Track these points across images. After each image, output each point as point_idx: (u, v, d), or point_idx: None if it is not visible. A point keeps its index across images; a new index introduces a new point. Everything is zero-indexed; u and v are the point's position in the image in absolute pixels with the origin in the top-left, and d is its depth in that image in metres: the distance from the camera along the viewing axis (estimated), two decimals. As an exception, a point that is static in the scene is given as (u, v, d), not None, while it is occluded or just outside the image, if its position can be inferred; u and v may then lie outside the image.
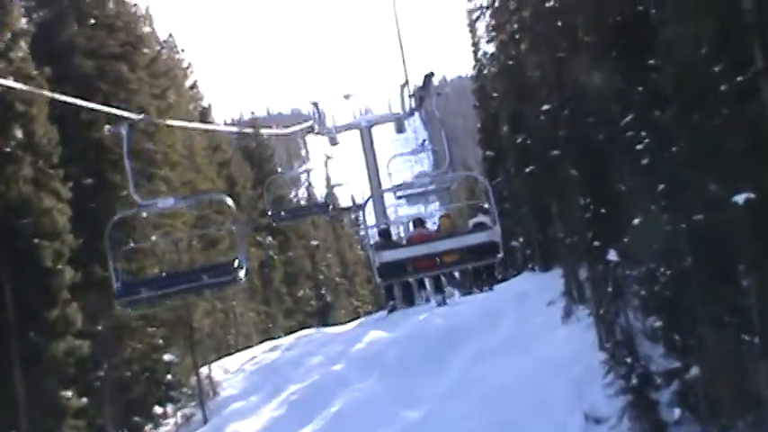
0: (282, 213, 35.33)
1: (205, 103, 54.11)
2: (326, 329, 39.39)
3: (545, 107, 28.02)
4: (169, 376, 28.90)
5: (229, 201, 19.71)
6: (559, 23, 27.27)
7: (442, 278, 28.96)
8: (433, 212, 42.01)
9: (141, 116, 22.48)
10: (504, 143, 44.42)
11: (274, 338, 43.23)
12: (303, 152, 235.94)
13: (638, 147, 21.60)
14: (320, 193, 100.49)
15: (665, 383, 21.94)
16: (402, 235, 41.86)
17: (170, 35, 51.82)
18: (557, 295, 33.40)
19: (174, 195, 23.23)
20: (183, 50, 52.30)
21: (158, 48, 43.68)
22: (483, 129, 55.19)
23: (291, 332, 44.75)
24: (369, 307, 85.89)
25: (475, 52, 54.94)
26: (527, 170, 34.36)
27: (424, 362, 30.89)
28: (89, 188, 27.30)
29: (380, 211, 38.44)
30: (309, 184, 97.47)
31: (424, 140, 44.51)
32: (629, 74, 22.89)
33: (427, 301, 30.81)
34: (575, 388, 24.92)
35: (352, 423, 27.38)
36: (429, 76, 31.25)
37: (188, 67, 52.40)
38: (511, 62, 34.48)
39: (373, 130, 40.93)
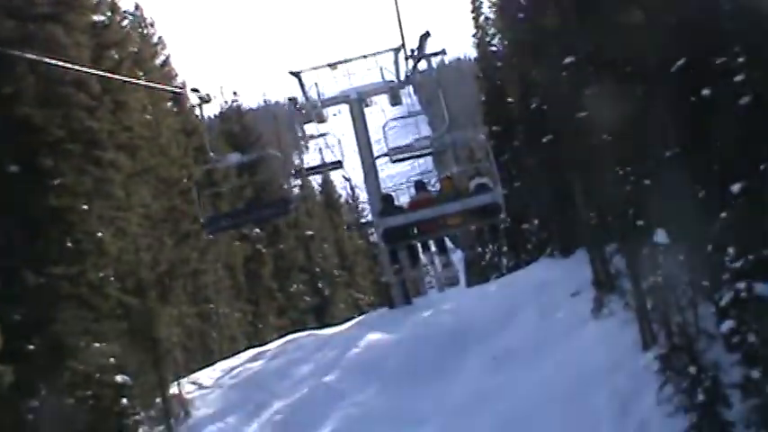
0: (223, 222, 28.29)
1: (179, 83, 49.21)
2: (319, 332, 34.88)
3: (568, 59, 23.12)
4: (124, 401, 24.18)
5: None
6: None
7: (446, 240, 27.71)
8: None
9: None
10: (512, 114, 40.09)
11: (265, 344, 38.52)
12: (302, 141, 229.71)
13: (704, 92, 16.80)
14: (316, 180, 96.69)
15: (741, 399, 17.36)
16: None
17: (136, 6, 47.28)
18: (582, 284, 28.87)
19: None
20: (152, 24, 47.39)
21: (120, 18, 39.13)
22: (487, 101, 50.62)
23: (284, 334, 40.16)
24: (371, 298, 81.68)
25: (476, 18, 51.75)
26: (543, 140, 29.55)
27: (431, 369, 26.93)
28: (14, 176, 22.55)
29: (374, 186, 34.00)
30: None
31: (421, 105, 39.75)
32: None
33: (431, 262, 28.90)
34: (619, 402, 20.54)
35: (345, 449, 23.19)
36: (425, 36, 28.10)
37: (158, 43, 47.74)
38: (521, 14, 29.64)
39: (367, 110, 36.50)
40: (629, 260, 22.68)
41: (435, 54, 28.20)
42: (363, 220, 68.32)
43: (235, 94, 64.34)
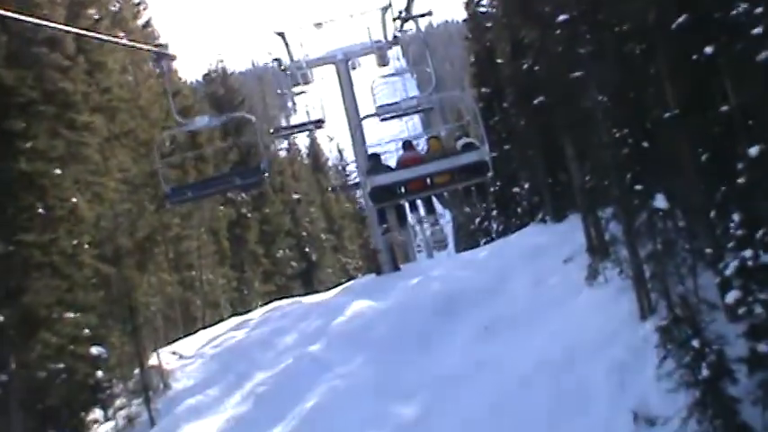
0: (188, 193, 26.14)
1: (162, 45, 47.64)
2: (304, 299, 33.98)
3: (561, 17, 22.06)
4: (99, 373, 23.18)
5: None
6: None
7: (434, 199, 26.45)
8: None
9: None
10: (502, 75, 38.83)
11: (249, 311, 37.56)
12: (289, 104, 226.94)
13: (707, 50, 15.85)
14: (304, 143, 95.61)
15: (748, 374, 16.40)
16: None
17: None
18: (575, 251, 28.04)
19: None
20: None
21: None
22: (476, 62, 49.46)
23: (269, 301, 39.23)
24: (359, 262, 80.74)
25: None
26: (535, 102, 28.54)
27: (420, 339, 25.95)
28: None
29: (361, 147, 32.60)
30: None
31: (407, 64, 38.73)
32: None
33: (419, 222, 27.53)
34: (616, 376, 19.70)
35: (330, 423, 22.41)
36: None
37: (140, 3, 46.43)
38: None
39: (354, 73, 35.33)
40: (625, 226, 21.71)
41: (422, 15, 26.55)
42: (350, 182, 66.74)
43: (219, 56, 63.16)
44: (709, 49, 16.60)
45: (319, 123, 32.74)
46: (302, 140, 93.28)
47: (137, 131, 31.50)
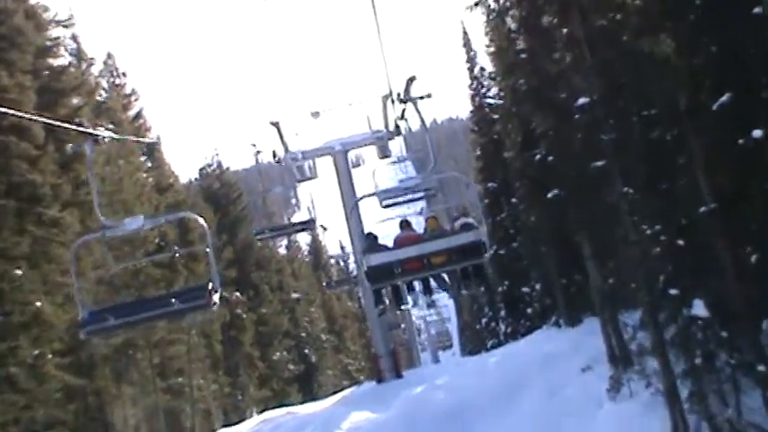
0: (110, 319, 22.77)
1: (154, 136, 45.95)
2: (299, 409, 31.58)
3: (581, 101, 19.90)
4: None
5: (201, 220, 18.98)
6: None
7: (431, 280, 25.47)
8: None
9: None
10: (511, 168, 36.78)
11: (240, 421, 35.09)
12: (293, 200, 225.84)
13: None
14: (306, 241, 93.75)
15: None
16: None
17: (109, 55, 44.40)
18: (593, 358, 25.62)
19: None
20: (124, 74, 44.48)
21: (87, 64, 36.27)
22: (483, 156, 47.72)
23: (264, 409, 36.87)
24: (361, 363, 78.13)
25: (470, 69, 49.44)
26: (549, 195, 26.28)
27: (424, 459, 23.53)
28: None
29: (357, 229, 30.79)
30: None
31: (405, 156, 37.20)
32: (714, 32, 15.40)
33: (415, 304, 27.47)
34: None
35: None
36: (411, 80, 24.53)
37: (131, 94, 44.73)
38: (522, 54, 26.45)
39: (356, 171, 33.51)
40: (655, 335, 19.29)
41: (422, 97, 24.79)
42: (347, 278, 64.36)
43: (216, 150, 61.52)
44: (758, 133, 14.37)
45: (309, 224, 30.98)
46: (303, 238, 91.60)
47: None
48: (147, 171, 41.59)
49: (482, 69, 48.16)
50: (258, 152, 31.71)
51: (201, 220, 19.33)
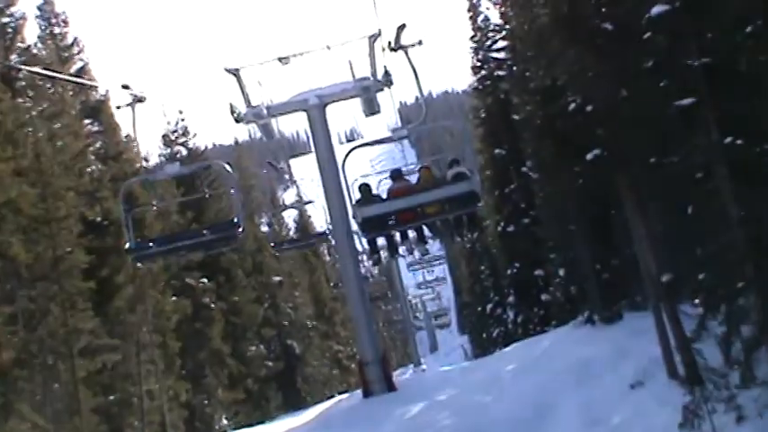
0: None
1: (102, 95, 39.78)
2: (265, 429, 25.48)
3: (656, 9, 13.56)
4: None
5: (227, 166, 25.07)
6: None
7: (425, 228, 26.47)
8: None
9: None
10: (525, 129, 30.81)
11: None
12: (286, 175, 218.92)
13: None
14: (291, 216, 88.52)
15: None
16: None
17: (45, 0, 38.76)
18: (644, 368, 19.40)
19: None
20: (65, 22, 39.10)
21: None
22: (488, 119, 43.27)
23: (236, 413, 31.42)
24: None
25: (473, 18, 45.74)
26: (588, 156, 19.78)
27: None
28: None
29: (335, 185, 26.64)
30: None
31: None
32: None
33: (410, 252, 28.55)
34: None
35: None
36: (401, 28, 24.37)
37: (73, 45, 38.77)
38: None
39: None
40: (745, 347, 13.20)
41: (412, 45, 24.73)
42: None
43: (181, 113, 56.54)
44: None
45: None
46: (290, 213, 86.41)
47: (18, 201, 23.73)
48: (92, 136, 36.57)
49: (486, 19, 44.77)
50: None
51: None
